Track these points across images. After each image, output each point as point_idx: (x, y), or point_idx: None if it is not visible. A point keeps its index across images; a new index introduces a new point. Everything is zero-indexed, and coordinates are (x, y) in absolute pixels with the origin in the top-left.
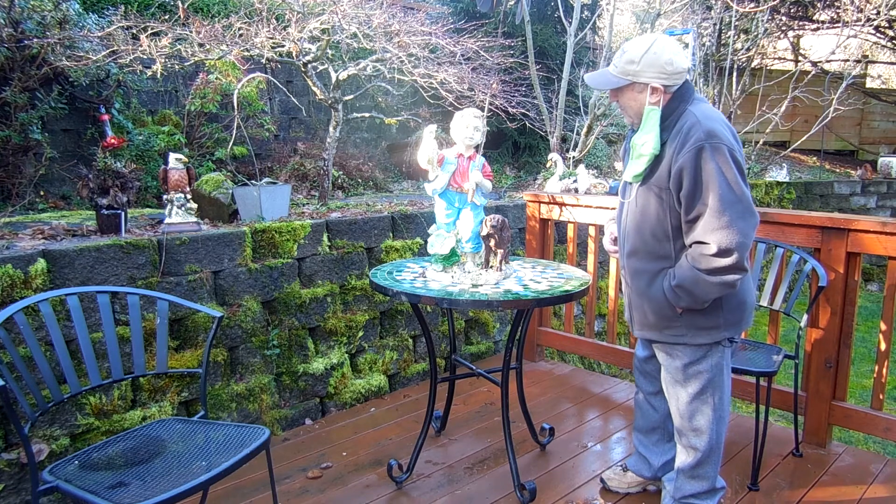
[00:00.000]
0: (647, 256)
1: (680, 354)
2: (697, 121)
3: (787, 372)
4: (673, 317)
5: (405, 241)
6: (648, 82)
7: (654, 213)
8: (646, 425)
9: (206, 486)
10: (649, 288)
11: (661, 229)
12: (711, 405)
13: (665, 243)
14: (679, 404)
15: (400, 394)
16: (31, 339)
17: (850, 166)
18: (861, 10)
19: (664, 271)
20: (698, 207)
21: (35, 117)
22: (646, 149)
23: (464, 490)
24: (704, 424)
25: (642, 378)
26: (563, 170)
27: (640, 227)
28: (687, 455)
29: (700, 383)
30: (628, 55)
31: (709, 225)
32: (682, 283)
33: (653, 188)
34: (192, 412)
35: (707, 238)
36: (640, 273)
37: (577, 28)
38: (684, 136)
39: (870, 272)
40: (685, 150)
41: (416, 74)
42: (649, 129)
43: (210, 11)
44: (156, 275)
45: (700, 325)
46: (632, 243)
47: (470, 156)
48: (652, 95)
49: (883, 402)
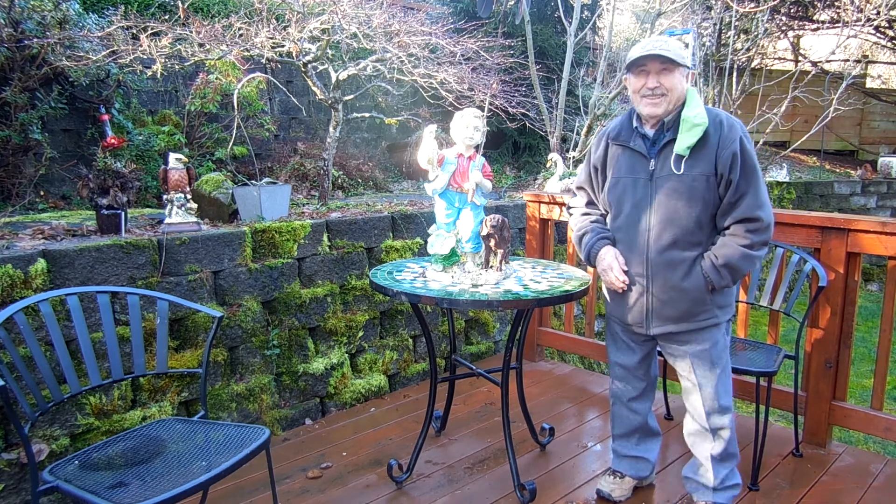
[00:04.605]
0: (687, 246)
1: (709, 337)
2: (721, 113)
3: (787, 372)
4: (706, 300)
5: (405, 241)
6: (691, 69)
7: (702, 200)
8: (625, 430)
9: (206, 486)
10: (687, 277)
11: (705, 216)
12: (730, 376)
13: (705, 230)
14: (710, 388)
15: (400, 394)
16: (31, 339)
17: (850, 166)
18: (861, 10)
19: (698, 258)
20: (742, 188)
21: (35, 117)
22: (700, 119)
23: (464, 490)
24: (728, 401)
25: (624, 384)
26: (563, 170)
27: (685, 216)
28: (716, 440)
29: (724, 360)
30: (676, 44)
31: (754, 202)
32: (728, 262)
33: (700, 177)
34: (192, 412)
35: (755, 213)
36: (677, 264)
37: (577, 28)
38: (726, 126)
39: (870, 272)
40: (733, 138)
41: (416, 74)
42: (697, 105)
43: (210, 11)
44: (156, 275)
45: (721, 303)
46: (673, 234)
47: (470, 156)
48: (689, 80)
49: (883, 402)
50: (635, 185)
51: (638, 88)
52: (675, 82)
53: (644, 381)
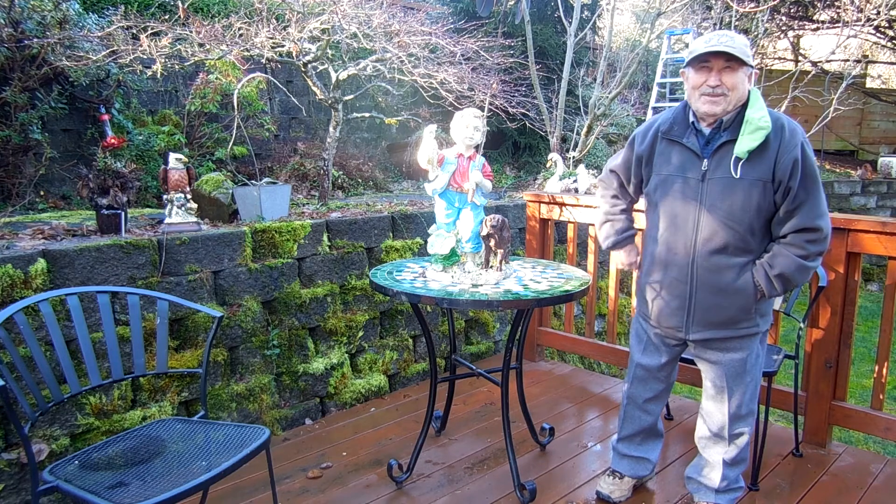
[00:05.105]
0: (737, 252)
1: (747, 346)
2: (783, 117)
3: (787, 372)
4: (751, 308)
5: (405, 241)
6: (754, 69)
7: (756, 207)
8: (634, 430)
9: (206, 486)
10: (734, 283)
11: (759, 223)
12: (759, 386)
13: (757, 236)
14: (738, 396)
15: (400, 394)
16: (31, 339)
17: (850, 166)
18: (861, 10)
19: (748, 264)
20: (801, 197)
21: (35, 117)
22: (764, 122)
23: (464, 490)
24: (755, 406)
25: (643, 385)
26: (563, 170)
27: (738, 221)
28: (731, 445)
29: (757, 368)
30: (742, 41)
31: (814, 212)
32: (783, 272)
33: (757, 182)
34: (192, 412)
35: (815, 223)
36: (725, 269)
37: (577, 28)
38: (788, 131)
39: (870, 272)
40: (794, 144)
41: (416, 74)
42: (762, 107)
43: (210, 11)
44: (156, 275)
45: (764, 312)
46: (723, 239)
47: (470, 156)
48: (752, 81)
49: (883, 402)
50: (685, 185)
51: (698, 85)
52: (737, 81)
53: (663, 384)
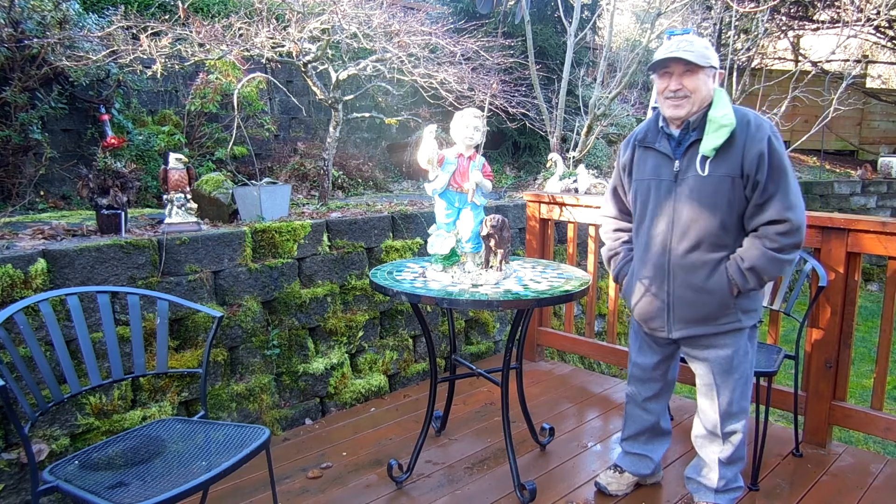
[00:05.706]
0: (711, 248)
1: (731, 342)
2: (749, 112)
3: (787, 372)
4: (730, 304)
5: (405, 241)
6: (717, 69)
7: (727, 202)
8: (637, 430)
9: (206, 486)
10: (709, 279)
11: (731, 218)
12: (751, 383)
13: (731, 232)
14: (727, 393)
15: (400, 394)
16: (31, 339)
17: (850, 166)
18: (861, 10)
19: (723, 260)
20: (770, 190)
21: (35, 117)
22: (727, 119)
23: (464, 490)
24: (747, 403)
25: (641, 384)
26: (564, 170)
27: (709, 218)
28: (725, 444)
29: (746, 365)
30: (701, 43)
31: (783, 204)
32: (754, 266)
33: (725, 178)
34: (192, 412)
35: (785, 215)
36: (700, 266)
37: (577, 28)
38: (753, 126)
39: (870, 272)
40: (760, 137)
41: (416, 74)
42: (724, 106)
43: (210, 11)
44: (156, 275)
45: (747, 308)
46: (696, 236)
47: (470, 156)
48: (716, 81)
49: (883, 402)
50: (659, 187)
51: (661, 90)
52: (698, 84)
53: (660, 383)
